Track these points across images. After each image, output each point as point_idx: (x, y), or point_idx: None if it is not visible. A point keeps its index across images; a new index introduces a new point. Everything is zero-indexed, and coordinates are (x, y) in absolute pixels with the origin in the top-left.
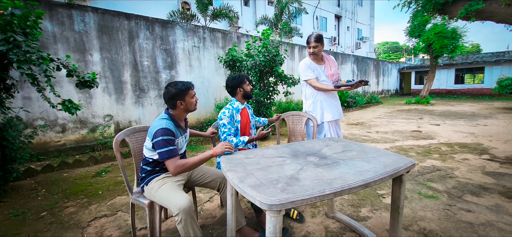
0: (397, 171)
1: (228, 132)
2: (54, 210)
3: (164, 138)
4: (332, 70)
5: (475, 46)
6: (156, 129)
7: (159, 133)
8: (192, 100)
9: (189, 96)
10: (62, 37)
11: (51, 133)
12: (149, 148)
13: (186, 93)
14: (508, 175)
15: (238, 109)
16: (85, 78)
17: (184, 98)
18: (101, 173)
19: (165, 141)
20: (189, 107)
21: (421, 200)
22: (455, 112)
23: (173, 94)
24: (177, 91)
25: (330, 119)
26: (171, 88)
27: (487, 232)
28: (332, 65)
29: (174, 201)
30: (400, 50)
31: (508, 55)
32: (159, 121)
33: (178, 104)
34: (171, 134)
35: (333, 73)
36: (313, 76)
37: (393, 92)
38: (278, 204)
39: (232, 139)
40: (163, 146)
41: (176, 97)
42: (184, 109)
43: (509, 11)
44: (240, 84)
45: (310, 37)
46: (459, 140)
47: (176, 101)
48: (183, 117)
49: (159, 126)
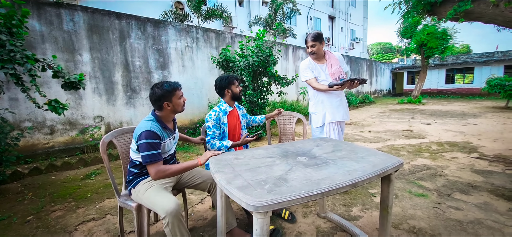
0: (385, 170)
1: (212, 135)
2: (41, 214)
3: (148, 141)
4: (333, 69)
5: (465, 47)
6: (141, 131)
7: (143, 136)
8: (179, 101)
9: (176, 97)
10: (51, 36)
11: (39, 135)
12: (135, 150)
13: (172, 94)
14: (496, 173)
15: (225, 112)
16: (71, 79)
17: (171, 100)
18: (90, 175)
19: (149, 144)
20: (177, 109)
21: (411, 199)
22: (445, 112)
23: (159, 96)
24: (163, 93)
25: (331, 120)
26: (157, 90)
27: (476, 230)
28: (333, 63)
29: (161, 204)
30: (393, 51)
31: (497, 55)
32: (145, 122)
33: (165, 106)
34: (156, 137)
35: (334, 72)
36: (311, 76)
37: (386, 92)
38: (264, 205)
39: (215, 142)
40: (146, 149)
41: (162, 99)
42: (171, 110)
43: (497, 11)
44: (228, 85)
45: (307, 37)
46: (449, 139)
47: (162, 102)
48: (171, 118)
49: (144, 128)
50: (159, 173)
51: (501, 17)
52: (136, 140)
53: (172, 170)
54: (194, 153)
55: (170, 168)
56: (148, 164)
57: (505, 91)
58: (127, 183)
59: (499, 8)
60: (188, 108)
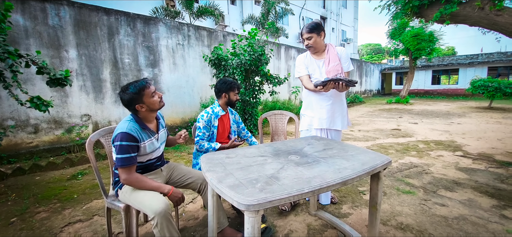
0: (374, 168)
1: (202, 136)
2: (25, 215)
3: (122, 143)
4: (330, 66)
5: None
6: (117, 132)
7: (118, 137)
8: (153, 99)
9: (147, 97)
10: (35, 32)
11: (22, 134)
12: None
13: (142, 95)
14: (480, 170)
15: (217, 115)
16: (56, 75)
17: (143, 100)
18: (77, 175)
19: (122, 147)
20: (153, 107)
21: (399, 196)
22: (431, 112)
23: (128, 101)
24: (130, 97)
25: (317, 127)
26: (124, 95)
27: (461, 226)
28: (332, 59)
29: (149, 204)
30: (382, 52)
31: (481, 57)
32: (122, 123)
33: (138, 108)
34: (132, 139)
35: (330, 70)
36: (304, 73)
37: (375, 92)
38: (255, 204)
39: (204, 143)
40: (119, 152)
41: (133, 102)
42: (147, 111)
43: (482, 14)
44: (227, 90)
45: (302, 29)
46: (435, 138)
47: (134, 106)
48: (152, 118)
49: (121, 129)
50: (129, 179)
51: (486, 20)
52: (113, 140)
53: (143, 184)
54: (186, 152)
55: (142, 180)
56: (119, 167)
57: (488, 92)
58: (113, 184)
59: (484, 11)
60: (179, 107)
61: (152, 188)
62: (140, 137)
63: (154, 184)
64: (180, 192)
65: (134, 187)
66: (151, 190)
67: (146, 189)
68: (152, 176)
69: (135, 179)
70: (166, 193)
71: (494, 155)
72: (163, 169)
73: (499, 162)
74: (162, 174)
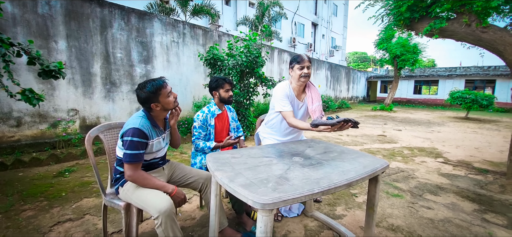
0: (375, 171)
1: (198, 136)
2: (10, 213)
3: (133, 139)
4: (314, 106)
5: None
6: (129, 127)
7: (130, 132)
8: (168, 99)
9: (163, 96)
10: (23, 20)
11: (4, 127)
12: (121, 147)
13: (158, 94)
14: (460, 176)
15: (213, 114)
16: (50, 67)
17: (158, 100)
18: (64, 173)
19: (133, 143)
20: (167, 107)
21: (389, 199)
22: (413, 120)
23: (144, 99)
24: (147, 96)
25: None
26: (141, 93)
27: (446, 228)
28: (315, 98)
29: (153, 203)
30: (368, 60)
31: (459, 70)
32: (134, 119)
33: (153, 107)
34: (143, 136)
35: (315, 109)
36: (289, 108)
37: (361, 99)
38: (270, 203)
39: (199, 143)
40: (128, 147)
41: (149, 101)
42: (161, 110)
43: (468, 30)
44: (216, 88)
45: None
46: (418, 144)
47: (149, 104)
48: (163, 117)
49: (132, 125)
50: (135, 176)
51: (472, 36)
52: (122, 134)
53: (148, 182)
54: (187, 155)
55: (148, 178)
56: (127, 163)
57: (466, 103)
58: (113, 181)
59: (471, 27)
60: None
61: (156, 187)
62: (150, 134)
63: (159, 182)
64: (183, 193)
65: (139, 185)
66: (155, 189)
67: (151, 187)
68: (155, 174)
69: (140, 176)
70: (170, 192)
71: (472, 162)
72: (165, 167)
73: (477, 169)
74: (164, 173)
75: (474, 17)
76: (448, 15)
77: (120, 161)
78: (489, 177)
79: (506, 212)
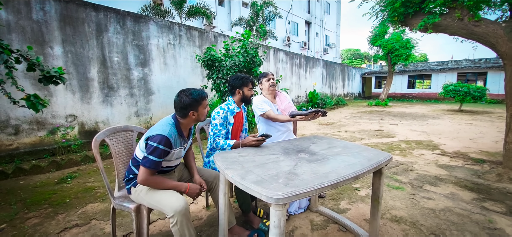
0: (380, 164)
1: (218, 133)
2: (15, 221)
3: (159, 146)
4: (283, 105)
5: (423, 56)
6: (157, 133)
7: (158, 139)
8: (205, 111)
9: (202, 107)
10: (18, 26)
11: (2, 135)
12: (142, 149)
13: (200, 104)
14: (458, 167)
15: (233, 112)
16: (51, 73)
17: (197, 109)
18: (66, 179)
19: (158, 150)
20: (200, 118)
21: (390, 191)
22: (409, 114)
23: (187, 104)
24: (191, 101)
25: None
26: (185, 97)
27: (447, 217)
28: (283, 99)
29: (168, 202)
30: (362, 57)
31: (451, 64)
32: (164, 125)
33: (190, 115)
34: (168, 145)
35: (285, 108)
36: (269, 108)
37: (356, 95)
38: (284, 197)
39: (219, 141)
40: (152, 153)
41: (189, 108)
42: (195, 119)
43: (461, 25)
44: (241, 86)
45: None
46: (414, 138)
47: (188, 111)
48: (190, 127)
49: (162, 131)
50: (148, 181)
51: (465, 30)
52: (148, 137)
53: (160, 185)
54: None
55: (160, 182)
56: (145, 167)
57: (459, 96)
58: (126, 182)
59: (463, 22)
60: (170, 107)
61: (170, 187)
62: (175, 143)
63: (172, 183)
64: (197, 186)
65: (151, 187)
66: (171, 189)
67: (164, 188)
68: (165, 176)
69: (153, 180)
70: (184, 190)
71: (468, 153)
72: (175, 170)
73: (474, 159)
74: (174, 175)
75: (466, 11)
76: (441, 10)
77: (137, 162)
78: (485, 167)
79: (504, 200)
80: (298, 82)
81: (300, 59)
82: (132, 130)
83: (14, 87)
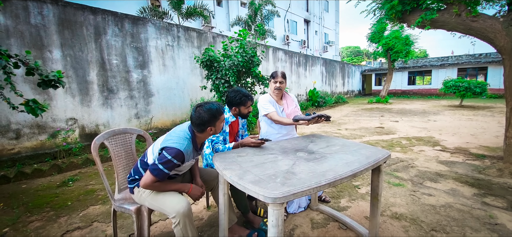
0: (378, 161)
1: (216, 141)
2: (18, 225)
3: (173, 160)
4: (289, 109)
5: (423, 52)
6: (173, 145)
7: (173, 152)
8: (221, 125)
9: (220, 121)
10: (16, 31)
11: (3, 140)
12: (155, 156)
13: (218, 118)
14: (458, 163)
15: (228, 121)
16: (49, 77)
17: (215, 124)
18: (67, 182)
19: (170, 163)
20: (217, 132)
21: (391, 188)
22: (409, 110)
23: (206, 121)
24: (210, 118)
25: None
26: (204, 114)
27: (448, 213)
28: (290, 103)
29: (170, 203)
30: (361, 54)
31: (451, 59)
32: (181, 139)
33: (208, 130)
34: (181, 160)
35: (290, 113)
36: (273, 109)
37: (356, 92)
38: (281, 196)
39: (219, 146)
40: (164, 164)
41: (208, 124)
42: (212, 133)
43: (459, 20)
44: (238, 104)
45: (276, 72)
46: (415, 134)
47: (206, 127)
48: (204, 141)
49: (178, 145)
50: (151, 186)
51: (462, 25)
52: (164, 147)
53: (163, 188)
54: None
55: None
56: (152, 175)
57: (459, 92)
58: (130, 181)
59: (461, 17)
60: (169, 109)
61: (172, 190)
62: (188, 158)
63: (174, 186)
64: (199, 188)
65: (153, 191)
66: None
67: (168, 190)
68: None
69: (157, 186)
70: (187, 191)
71: (469, 148)
72: None
73: (474, 154)
74: (178, 178)
75: (463, 7)
76: (438, 6)
77: (146, 165)
78: (486, 162)
79: (505, 195)
80: (298, 81)
81: (299, 57)
82: (131, 132)
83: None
